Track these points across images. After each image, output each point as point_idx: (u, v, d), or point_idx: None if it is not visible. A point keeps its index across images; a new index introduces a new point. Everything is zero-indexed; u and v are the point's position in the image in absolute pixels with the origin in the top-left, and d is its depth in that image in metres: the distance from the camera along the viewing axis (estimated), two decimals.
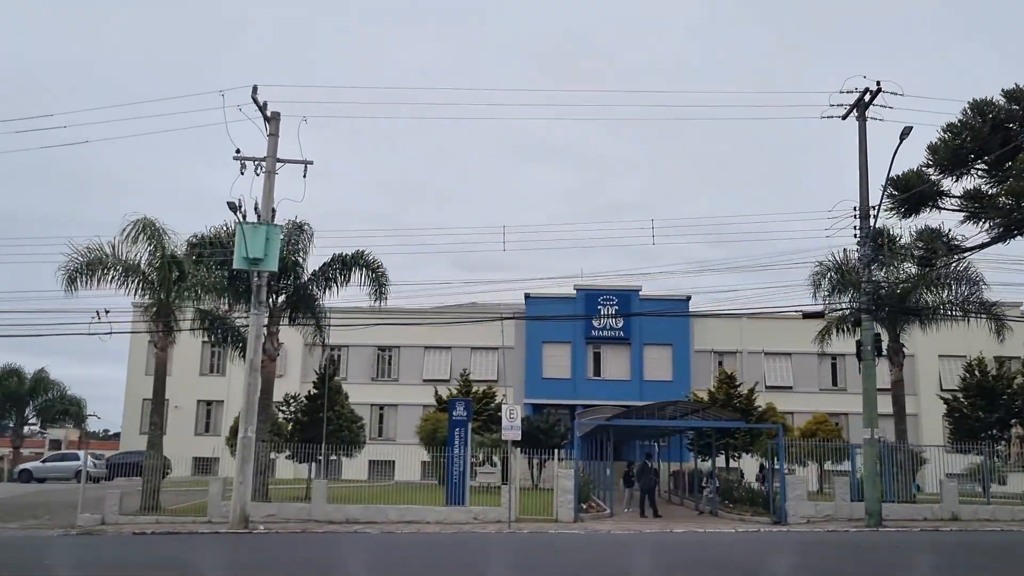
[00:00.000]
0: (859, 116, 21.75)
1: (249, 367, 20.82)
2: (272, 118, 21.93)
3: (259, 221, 20.61)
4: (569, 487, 22.23)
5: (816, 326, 48.30)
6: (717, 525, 21.63)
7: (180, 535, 19.47)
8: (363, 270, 24.14)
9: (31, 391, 47.25)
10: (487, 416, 37.57)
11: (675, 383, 46.12)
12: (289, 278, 24.52)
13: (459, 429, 24.23)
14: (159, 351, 23.91)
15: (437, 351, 50.01)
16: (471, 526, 21.04)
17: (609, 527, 20.90)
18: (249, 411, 20.63)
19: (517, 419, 21.09)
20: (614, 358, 48.45)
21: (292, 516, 21.91)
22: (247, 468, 20.33)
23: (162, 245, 23.90)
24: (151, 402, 49.76)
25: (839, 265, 24.02)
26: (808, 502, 22.26)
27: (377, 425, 49.35)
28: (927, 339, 32.70)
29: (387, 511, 21.94)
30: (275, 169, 21.66)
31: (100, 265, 23.21)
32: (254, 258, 20.16)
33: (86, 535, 19.71)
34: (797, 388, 48.56)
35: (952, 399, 33.54)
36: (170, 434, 49.26)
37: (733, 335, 49.71)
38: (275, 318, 24.39)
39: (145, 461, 23.52)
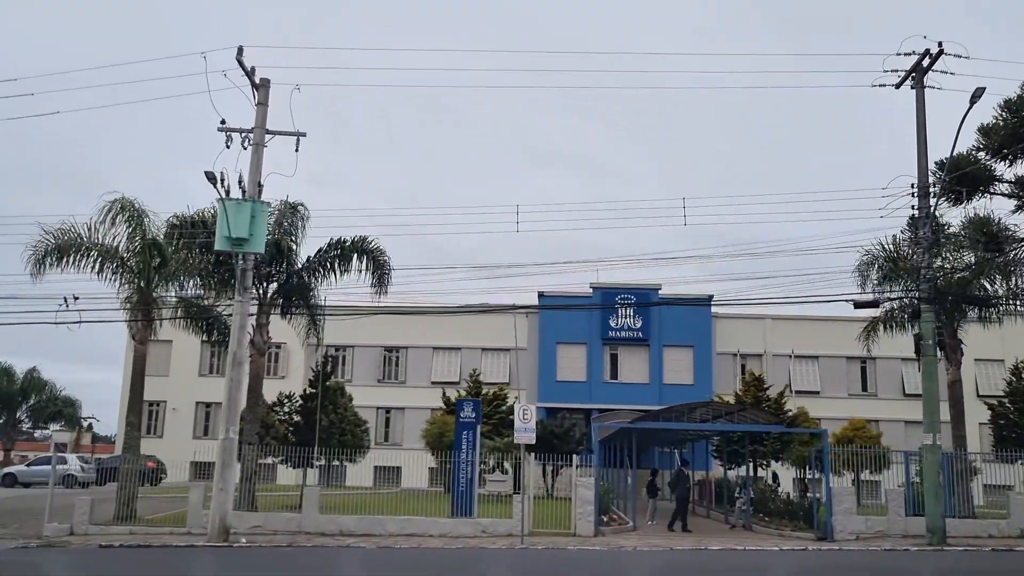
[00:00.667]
0: (916, 83, 19.41)
1: (231, 360, 18.59)
2: (261, 85, 19.75)
3: (244, 197, 18.40)
4: (589, 497, 19.92)
5: (850, 329, 46.23)
6: (755, 541, 19.24)
7: (151, 548, 17.26)
8: (364, 257, 21.87)
9: (22, 391, 45.16)
10: (498, 419, 35.26)
11: (696, 387, 43.70)
12: (282, 265, 22.28)
13: (467, 432, 22.00)
14: (138, 344, 21.72)
15: (446, 352, 47.75)
16: (479, 540, 18.75)
17: (634, 543, 18.55)
18: (231, 409, 18.41)
19: (532, 420, 18.79)
20: (632, 360, 46.06)
21: (280, 527, 19.68)
22: (228, 473, 18.09)
23: (142, 227, 21.79)
24: (148, 403, 49.34)
25: (891, 252, 21.61)
26: (858, 516, 19.86)
27: (383, 429, 47.11)
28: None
29: (385, 523, 19.67)
30: (263, 141, 19.46)
31: (72, 248, 21.10)
32: (238, 238, 17.95)
33: (46, 547, 17.53)
34: (825, 393, 46.04)
35: (997, 404, 31.07)
36: (167, 437, 47.57)
37: (757, 337, 47.31)
38: (266, 309, 22.15)
39: (120, 465, 21.34)
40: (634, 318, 45.69)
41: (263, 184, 18.88)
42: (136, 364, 21.70)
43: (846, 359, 47.19)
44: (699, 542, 18.89)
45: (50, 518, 19.97)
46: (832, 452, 24.53)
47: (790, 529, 21.03)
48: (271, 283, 22.37)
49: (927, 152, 19.19)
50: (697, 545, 18.24)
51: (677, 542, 18.83)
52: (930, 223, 18.55)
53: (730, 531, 22.53)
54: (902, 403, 46.42)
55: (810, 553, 17.20)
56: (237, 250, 18.20)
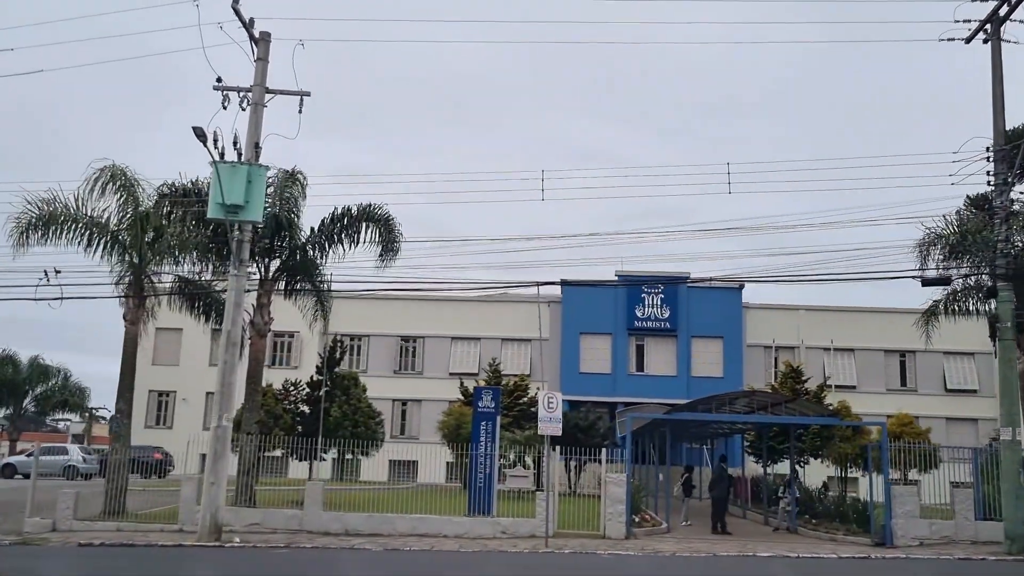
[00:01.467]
0: (991, 35, 17.29)
1: (226, 340, 16.79)
2: (261, 39, 17.92)
3: (240, 160, 16.58)
4: (620, 496, 17.99)
5: (889, 321, 44.08)
6: (807, 547, 17.24)
7: (134, 548, 15.53)
8: (372, 226, 20.03)
9: (28, 379, 43.73)
10: (518, 412, 33.40)
11: (726, 379, 41.50)
12: (284, 239, 20.47)
13: (486, 423, 20.17)
14: (129, 324, 19.99)
15: (465, 342, 45.90)
16: (498, 542, 16.89)
17: (671, 547, 16.62)
18: (225, 395, 16.61)
19: (558, 409, 16.86)
20: (659, 351, 44.01)
21: (280, 525, 17.91)
22: (221, 466, 16.31)
23: (134, 198, 20.06)
24: (157, 393, 47.89)
25: (957, 226, 19.45)
26: (921, 520, 17.78)
27: (399, 422, 45.37)
28: None
29: (395, 521, 17.84)
30: (263, 100, 17.62)
31: (58, 220, 19.39)
32: (232, 204, 16.14)
33: (21, 545, 15.85)
34: (862, 387, 43.77)
35: None
36: (177, 428, 45.97)
37: (790, 328, 45.09)
38: (267, 287, 20.36)
39: (109, 456, 19.66)
40: (661, 308, 43.65)
41: (261, 146, 17.04)
42: (127, 346, 19.97)
43: (884, 352, 45.00)
44: (744, 547, 16.91)
45: (32, 512, 18.31)
46: (875, 449, 22.51)
47: (842, 533, 18.99)
48: (273, 259, 20.55)
49: (1004, 112, 17.07)
50: (743, 551, 16.26)
51: (719, 546, 16.85)
52: (1008, 190, 16.43)
53: (773, 534, 20.53)
54: (944, 399, 44.18)
55: (876, 562, 15.18)
56: (232, 218, 16.38)
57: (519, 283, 27.08)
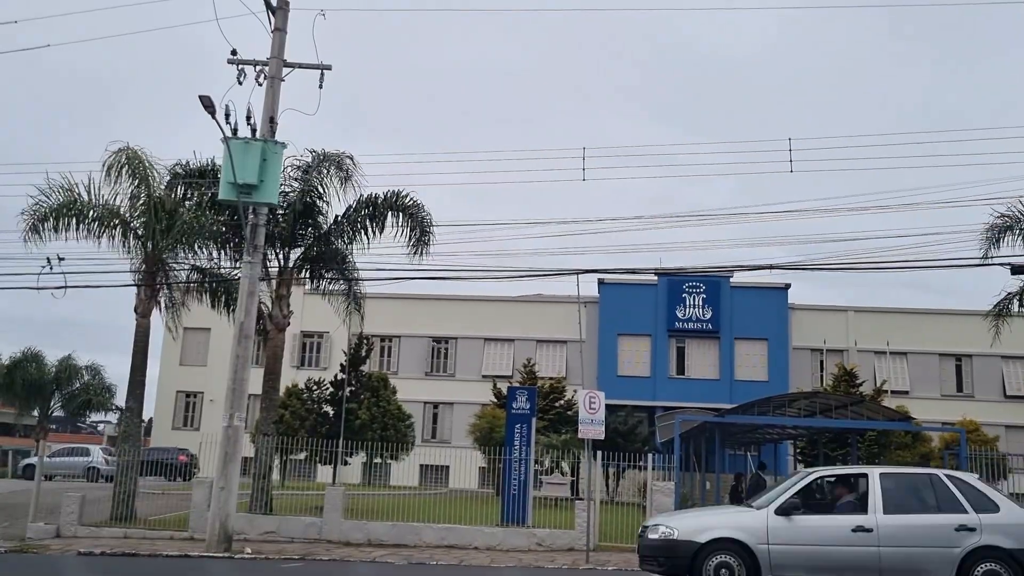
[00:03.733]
0: None
1: (239, 332, 15.47)
2: (279, 8, 16.63)
3: (254, 137, 15.27)
4: (668, 506, 16.41)
5: (944, 323, 41.90)
6: None
7: (136, 558, 14.26)
8: (400, 215, 18.63)
9: (55, 380, 43.03)
10: (554, 415, 31.91)
11: (771, 383, 39.59)
12: (307, 227, 19.14)
13: (520, 426, 18.71)
14: (140, 317, 18.77)
15: (498, 344, 44.48)
16: (534, 555, 15.37)
17: None
18: (237, 391, 15.31)
19: (600, 410, 15.33)
20: (700, 354, 42.17)
21: (298, 534, 16.53)
22: (232, 469, 14.98)
23: (148, 184, 18.90)
24: (184, 394, 47.00)
25: None
26: None
27: (430, 425, 44.05)
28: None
29: (422, 531, 16.39)
30: (280, 74, 16.32)
31: (72, 210, 18.31)
32: (245, 184, 14.85)
33: (17, 553, 14.67)
34: (915, 392, 41.55)
35: None
36: (204, 429, 44.87)
37: (838, 330, 43.12)
38: (286, 278, 19.04)
39: (119, 458, 18.43)
40: (703, 308, 41.84)
41: (277, 121, 15.71)
42: (138, 341, 18.71)
43: (939, 356, 42.83)
44: None
45: (35, 517, 17.25)
46: (952, 456, 20.68)
47: None
48: (295, 247, 19.23)
49: None
50: None
51: None
52: None
53: None
54: (1002, 405, 41.84)
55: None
56: (245, 200, 15.06)
57: (557, 271, 25.55)
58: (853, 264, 19.26)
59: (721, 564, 10.15)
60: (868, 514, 10.24)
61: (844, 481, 11.08)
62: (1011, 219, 18.55)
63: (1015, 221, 18.27)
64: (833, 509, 10.81)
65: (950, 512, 10.21)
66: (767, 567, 10.13)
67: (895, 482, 10.69)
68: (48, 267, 16.65)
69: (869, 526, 10.12)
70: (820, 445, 24.60)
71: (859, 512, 10.34)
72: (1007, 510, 10.27)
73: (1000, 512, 10.21)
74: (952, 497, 10.36)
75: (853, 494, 10.72)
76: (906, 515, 10.30)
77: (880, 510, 10.24)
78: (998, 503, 10.34)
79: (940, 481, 10.61)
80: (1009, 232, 18.38)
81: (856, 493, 10.70)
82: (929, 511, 10.36)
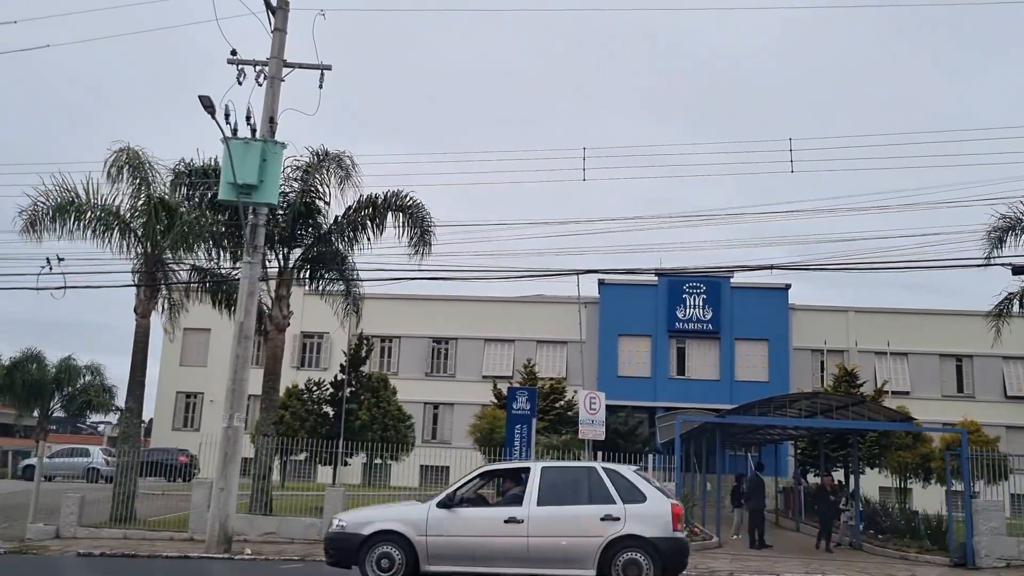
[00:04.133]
0: None
1: (238, 332, 15.45)
2: (278, 8, 16.62)
3: (253, 137, 15.24)
4: None
5: (944, 323, 41.84)
6: (878, 566, 15.51)
7: (136, 559, 14.24)
8: (400, 215, 18.61)
9: (56, 380, 42.97)
10: (554, 416, 31.86)
11: (771, 384, 39.46)
12: (306, 227, 19.12)
13: (520, 426, 18.69)
14: (140, 318, 18.75)
15: (498, 344, 44.40)
16: None
17: (726, 565, 14.94)
18: (237, 392, 15.29)
19: (600, 410, 15.35)
20: (701, 354, 42.09)
21: (298, 535, 16.53)
22: (231, 470, 14.96)
23: (147, 184, 18.88)
24: (185, 394, 46.92)
25: None
26: (1009, 538, 15.90)
27: (431, 426, 43.96)
28: None
29: None
30: (280, 74, 16.31)
31: (70, 210, 18.28)
32: (245, 184, 14.82)
33: (17, 554, 14.65)
34: (916, 393, 41.44)
35: None
36: (204, 430, 44.80)
37: (839, 331, 43.02)
38: (286, 279, 19.01)
39: (118, 458, 18.40)
40: (704, 309, 41.77)
41: (277, 121, 15.69)
42: (137, 341, 18.68)
43: (940, 356, 42.74)
44: (808, 566, 15.20)
45: (35, 518, 17.25)
46: (954, 457, 20.61)
47: (915, 551, 17.18)
48: (294, 248, 19.20)
49: None
50: (808, 570, 14.55)
51: (781, 565, 15.15)
52: None
53: (836, 550, 18.73)
54: (1003, 406, 41.74)
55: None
56: (244, 200, 15.04)
57: (557, 272, 25.50)
58: (854, 264, 19.26)
59: (383, 555, 10.58)
60: (522, 506, 10.65)
61: (512, 475, 11.59)
62: (1012, 220, 18.50)
63: (1016, 222, 18.22)
64: (500, 502, 11.32)
65: (600, 503, 10.63)
66: (425, 557, 10.57)
67: (554, 475, 11.08)
68: (48, 268, 16.61)
69: (521, 517, 10.54)
70: (821, 446, 24.55)
71: (517, 504, 10.75)
72: (654, 501, 10.63)
73: (646, 503, 10.59)
74: (604, 489, 10.72)
75: (520, 487, 11.10)
76: (557, 506, 10.69)
77: (534, 502, 10.65)
78: (646, 494, 10.69)
79: (596, 473, 10.99)
80: (1011, 233, 18.32)
81: (522, 487, 11.06)
82: (580, 502, 10.75)
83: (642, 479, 10.95)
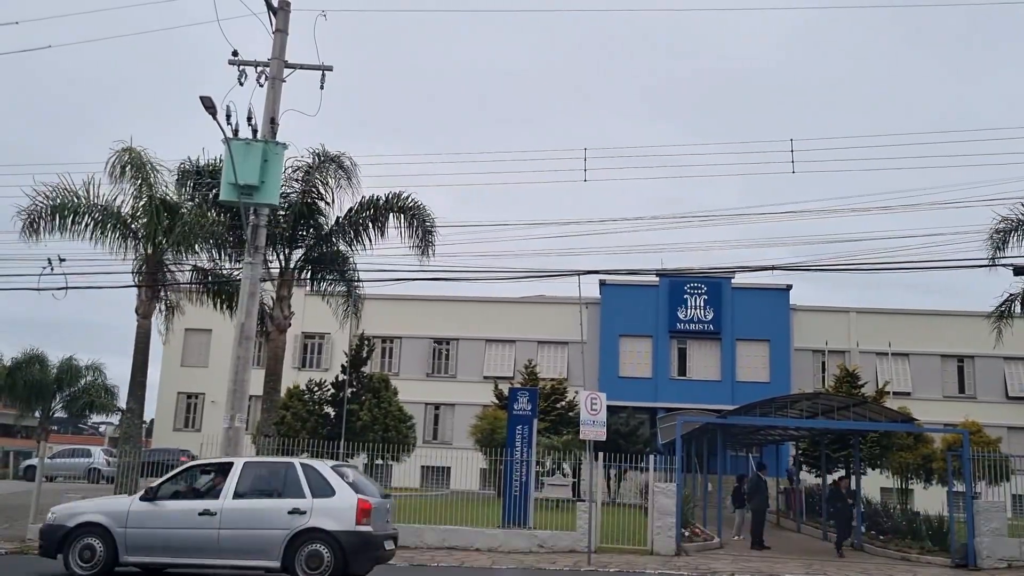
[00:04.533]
0: None
1: (239, 333, 15.42)
2: (280, 8, 16.60)
3: (255, 138, 15.24)
4: (669, 508, 16.37)
5: (946, 324, 41.77)
6: (879, 567, 15.51)
7: None
8: (402, 216, 18.60)
9: (57, 380, 42.97)
10: (556, 416, 31.86)
11: (772, 385, 39.49)
12: (308, 228, 19.12)
13: (521, 427, 18.70)
14: (141, 318, 18.77)
15: (499, 345, 44.41)
16: (535, 557, 15.35)
17: (727, 565, 14.94)
18: (238, 392, 15.26)
19: (602, 411, 15.32)
20: (702, 355, 42.11)
21: None
22: None
23: (149, 185, 18.90)
24: (186, 395, 46.93)
25: None
26: (1010, 539, 15.89)
27: (432, 427, 43.98)
28: None
29: (423, 532, 16.40)
30: (281, 75, 16.28)
31: (68, 209, 18.29)
32: (246, 185, 14.81)
33: (18, 554, 14.64)
34: (917, 394, 41.47)
35: None
36: (205, 431, 44.83)
37: (840, 331, 43.04)
38: (287, 279, 19.01)
39: (119, 459, 18.41)
40: (705, 309, 41.78)
41: (278, 122, 15.68)
42: (139, 342, 18.71)
43: (941, 357, 42.75)
44: (809, 567, 15.19)
45: (35, 519, 17.08)
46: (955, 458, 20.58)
47: (916, 552, 17.16)
48: (296, 248, 19.21)
49: None
50: (810, 570, 14.54)
51: (782, 566, 15.14)
52: None
53: (845, 552, 18.70)
54: (1005, 407, 41.76)
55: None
56: (246, 200, 15.01)
57: (559, 272, 25.51)
58: (855, 265, 19.22)
59: (85, 547, 11.05)
60: (219, 499, 11.09)
61: (220, 470, 11.75)
62: (1014, 222, 18.49)
63: (1018, 223, 18.20)
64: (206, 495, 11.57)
65: (291, 497, 10.98)
66: (124, 548, 11.04)
67: (254, 471, 11.54)
68: (49, 268, 16.62)
69: (215, 510, 10.96)
70: (822, 446, 24.53)
71: (215, 498, 11.16)
72: (342, 496, 10.93)
73: (334, 497, 10.91)
74: (298, 484, 11.08)
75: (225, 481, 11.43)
76: (251, 500, 11.14)
77: (231, 495, 11.10)
78: (336, 489, 11.02)
79: (293, 469, 11.35)
80: (1013, 234, 18.30)
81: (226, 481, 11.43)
82: (273, 496, 11.15)
83: (336, 475, 11.26)
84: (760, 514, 19.20)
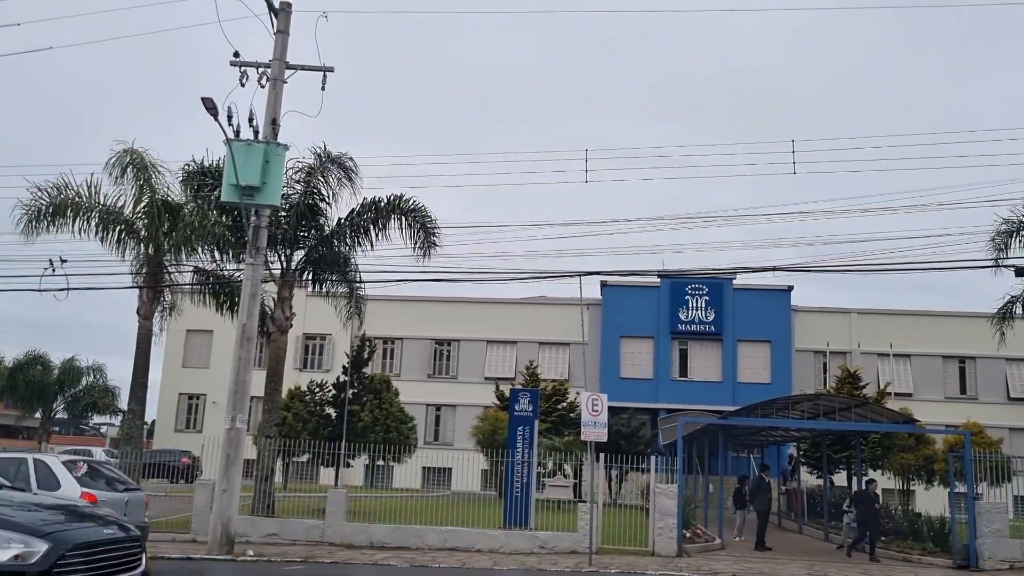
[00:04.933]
0: None
1: (240, 334, 15.44)
2: (281, 10, 16.62)
3: (256, 139, 15.24)
4: (671, 508, 16.35)
5: (947, 325, 41.71)
6: (880, 568, 15.49)
7: None
8: (404, 218, 18.60)
9: (59, 381, 42.99)
10: (557, 417, 31.85)
11: (774, 385, 39.49)
12: (310, 229, 19.12)
13: (522, 428, 18.70)
14: (143, 319, 18.77)
15: (501, 346, 44.42)
16: (536, 558, 15.33)
17: (729, 567, 14.93)
18: (239, 393, 15.28)
19: (603, 412, 15.30)
20: (703, 356, 42.10)
21: (300, 536, 16.50)
22: (234, 471, 14.95)
23: (151, 185, 18.90)
24: (187, 396, 46.92)
25: None
26: (1012, 540, 15.87)
27: (433, 428, 43.97)
28: None
29: (424, 534, 16.37)
30: (283, 76, 16.30)
31: (68, 208, 18.29)
32: (248, 186, 14.83)
33: None
34: (919, 395, 41.48)
35: None
36: (207, 432, 44.89)
37: (841, 332, 43.05)
38: (289, 280, 19.01)
39: (121, 460, 18.42)
40: (706, 310, 41.76)
41: (279, 123, 15.70)
42: (140, 343, 18.71)
43: (942, 358, 42.74)
44: (811, 568, 15.17)
45: None
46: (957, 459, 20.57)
47: (917, 553, 17.15)
48: (297, 250, 19.20)
49: None
50: (812, 571, 14.53)
51: (783, 567, 15.12)
52: None
53: (836, 551, 18.71)
54: (1006, 407, 41.76)
55: None
56: (247, 201, 15.04)
57: (560, 273, 25.47)
58: (855, 266, 19.20)
59: None
60: None
61: None
62: (1016, 224, 18.47)
63: (1019, 225, 18.18)
64: None
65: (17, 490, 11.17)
66: None
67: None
68: (50, 269, 16.62)
69: None
70: (823, 447, 24.51)
71: None
72: (66, 489, 11.51)
73: (59, 490, 11.37)
74: (27, 477, 11.64)
75: None
76: None
77: None
78: (62, 482, 11.65)
79: (25, 464, 12.01)
80: (1015, 236, 18.28)
81: None
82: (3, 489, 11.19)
83: (64, 469, 11.75)
84: (764, 515, 19.19)
